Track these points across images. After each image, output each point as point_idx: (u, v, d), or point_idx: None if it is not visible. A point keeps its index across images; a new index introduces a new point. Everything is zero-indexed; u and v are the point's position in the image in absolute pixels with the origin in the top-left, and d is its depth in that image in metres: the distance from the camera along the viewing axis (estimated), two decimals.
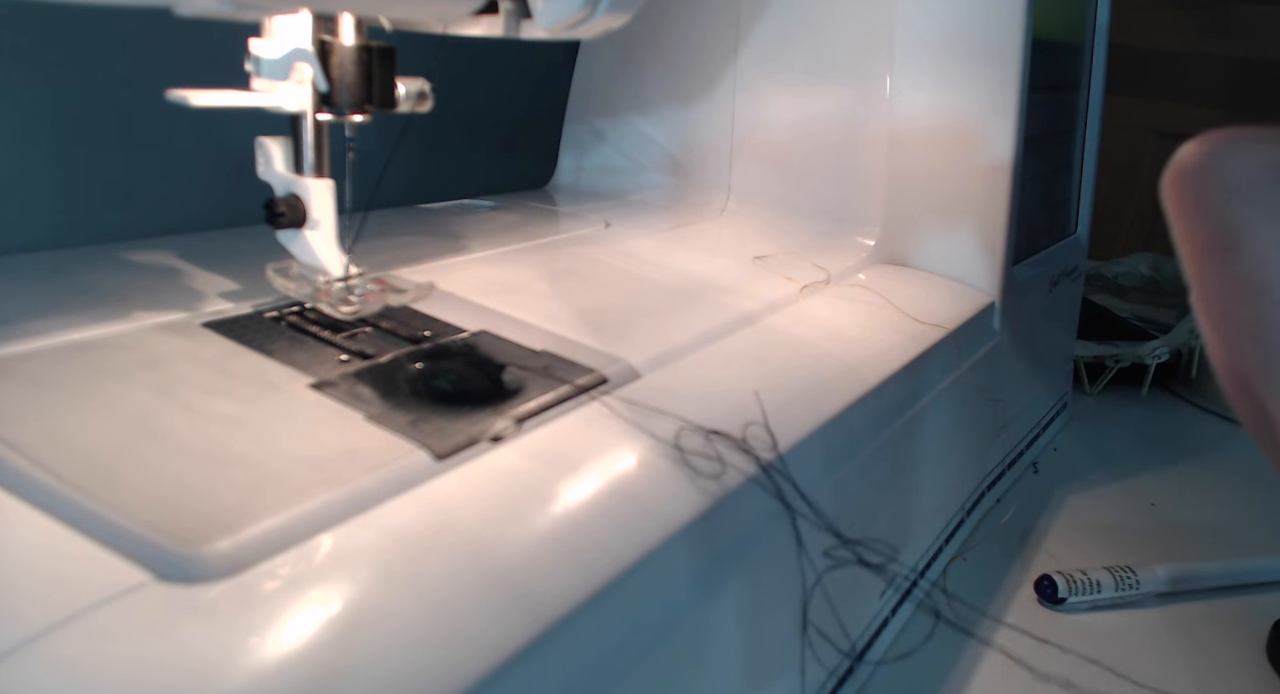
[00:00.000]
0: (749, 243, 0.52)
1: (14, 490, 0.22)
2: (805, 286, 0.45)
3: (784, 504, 0.28)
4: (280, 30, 0.31)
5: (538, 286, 0.40)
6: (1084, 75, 0.66)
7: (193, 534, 0.20)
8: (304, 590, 0.19)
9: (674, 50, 0.59)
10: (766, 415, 0.30)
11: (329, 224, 0.34)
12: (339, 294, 0.33)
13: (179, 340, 0.31)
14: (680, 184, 0.61)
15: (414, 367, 0.30)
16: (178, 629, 0.18)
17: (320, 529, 0.21)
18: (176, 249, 0.41)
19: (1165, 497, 0.57)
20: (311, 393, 0.28)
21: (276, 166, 0.33)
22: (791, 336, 0.38)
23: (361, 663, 0.18)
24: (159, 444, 0.24)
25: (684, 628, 0.26)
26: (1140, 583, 0.45)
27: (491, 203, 0.59)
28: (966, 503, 0.50)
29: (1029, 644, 0.42)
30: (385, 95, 0.33)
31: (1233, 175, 0.13)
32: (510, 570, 0.21)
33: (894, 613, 0.41)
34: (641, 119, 0.62)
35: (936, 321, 0.44)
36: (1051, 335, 0.64)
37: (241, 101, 0.32)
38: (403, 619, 0.19)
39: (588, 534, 0.23)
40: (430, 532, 0.22)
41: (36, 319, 0.31)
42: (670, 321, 0.38)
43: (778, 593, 0.29)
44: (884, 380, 0.37)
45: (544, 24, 0.32)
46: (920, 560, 0.44)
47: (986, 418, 0.51)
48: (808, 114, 0.55)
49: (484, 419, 0.27)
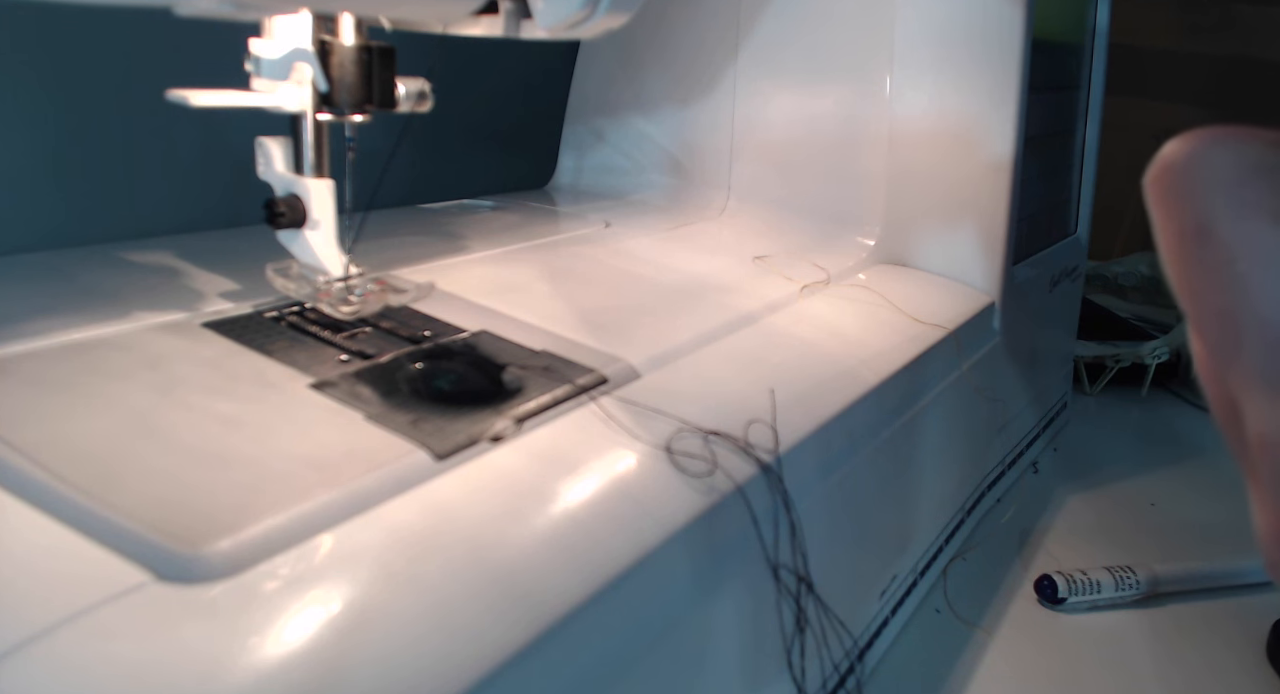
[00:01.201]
0: (749, 243, 0.52)
1: (15, 490, 0.22)
2: (805, 286, 0.45)
3: (784, 504, 0.28)
4: (280, 30, 0.31)
5: (538, 287, 0.40)
6: (1084, 75, 0.66)
7: (193, 534, 0.20)
8: (304, 590, 0.19)
9: (674, 50, 0.59)
10: (776, 414, 0.30)
11: (329, 224, 0.34)
12: (339, 294, 0.33)
13: (179, 340, 0.31)
14: (680, 184, 0.61)
15: (414, 366, 0.30)
16: (178, 629, 0.18)
17: (320, 529, 0.21)
18: (176, 249, 0.41)
19: (1165, 497, 0.57)
20: (311, 393, 0.28)
21: (276, 166, 0.33)
22: (791, 336, 0.38)
23: (361, 663, 0.18)
24: (159, 444, 0.24)
25: (683, 627, 0.26)
26: (1140, 583, 0.45)
27: (491, 203, 0.59)
28: (966, 503, 0.50)
29: (1029, 644, 0.42)
30: (385, 95, 0.33)
31: (1213, 172, 0.14)
32: (510, 570, 0.21)
33: (894, 613, 0.41)
34: (641, 119, 0.62)
35: (936, 321, 0.44)
36: (1051, 335, 0.64)
37: (241, 101, 0.32)
38: (403, 619, 0.19)
39: (587, 534, 0.23)
40: (430, 532, 0.22)
41: (36, 319, 0.31)
42: (670, 322, 0.38)
43: (776, 593, 0.29)
44: (884, 380, 0.37)
45: (544, 24, 0.32)
46: (920, 560, 0.44)
47: (986, 418, 0.51)
48: (808, 114, 0.55)
49: (484, 419, 0.27)
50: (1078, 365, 0.72)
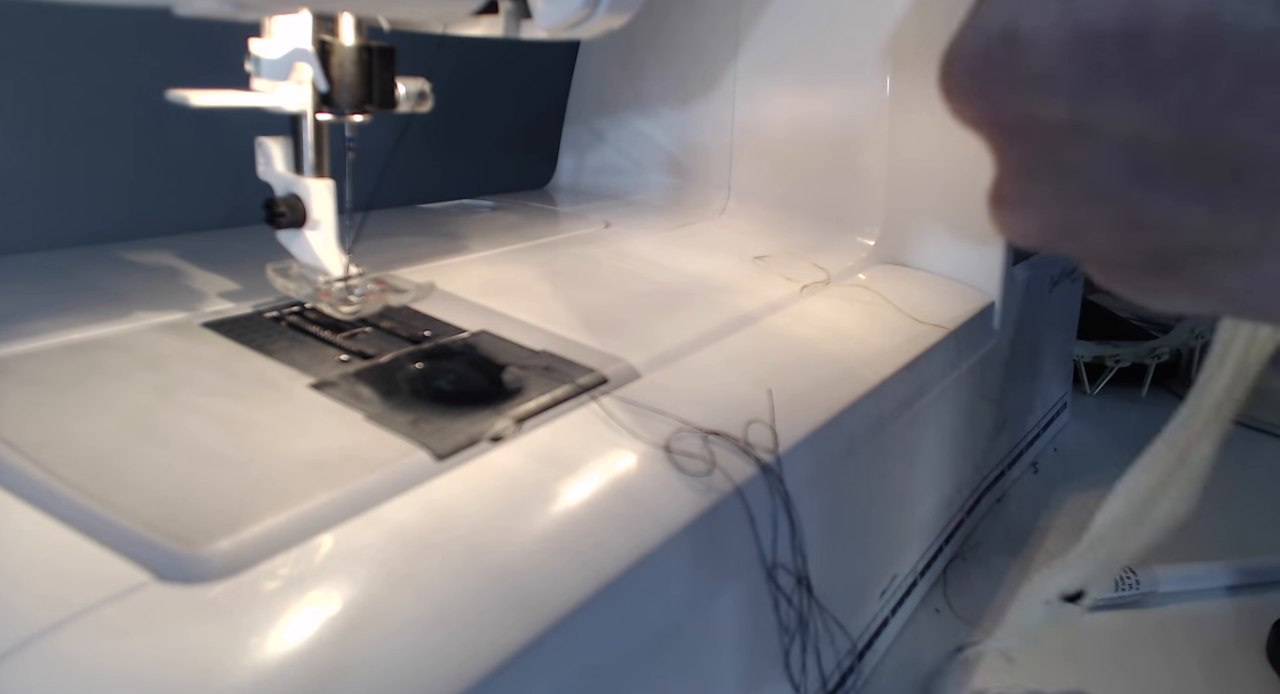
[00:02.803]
0: (749, 243, 0.52)
1: (15, 490, 0.22)
2: (805, 286, 0.45)
3: (783, 504, 0.28)
4: (280, 30, 0.31)
5: (538, 287, 0.40)
6: None
7: (193, 534, 0.20)
8: (304, 590, 0.19)
9: (674, 50, 0.59)
10: (775, 413, 0.30)
11: (329, 224, 0.34)
12: (339, 294, 0.33)
13: (179, 340, 0.31)
14: (680, 184, 0.61)
15: (414, 366, 0.30)
16: (178, 629, 0.18)
17: (320, 529, 0.21)
18: (176, 249, 0.41)
19: None
20: (311, 393, 0.28)
21: (276, 166, 0.33)
22: (791, 336, 0.38)
23: (361, 662, 0.18)
24: (159, 444, 0.24)
25: (682, 627, 0.26)
26: (1140, 583, 0.45)
27: (491, 203, 0.59)
28: (966, 503, 0.50)
29: (1029, 644, 0.42)
30: (385, 95, 0.33)
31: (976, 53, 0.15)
32: (510, 570, 0.21)
33: (894, 613, 0.41)
34: (641, 119, 0.62)
35: (936, 321, 0.44)
36: (1051, 335, 0.64)
37: (241, 101, 0.32)
38: (403, 619, 0.19)
39: (587, 534, 0.23)
40: (430, 531, 0.22)
41: (36, 319, 0.31)
42: (670, 321, 0.38)
43: (776, 593, 0.29)
44: (884, 380, 0.37)
45: (544, 24, 0.32)
46: (920, 560, 0.44)
47: (986, 418, 0.51)
48: (808, 114, 0.54)
49: (484, 419, 0.27)
50: (1078, 365, 0.72)
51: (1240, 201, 0.13)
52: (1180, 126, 0.13)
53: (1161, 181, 0.14)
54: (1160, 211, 0.14)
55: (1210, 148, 0.13)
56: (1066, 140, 0.14)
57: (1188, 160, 0.13)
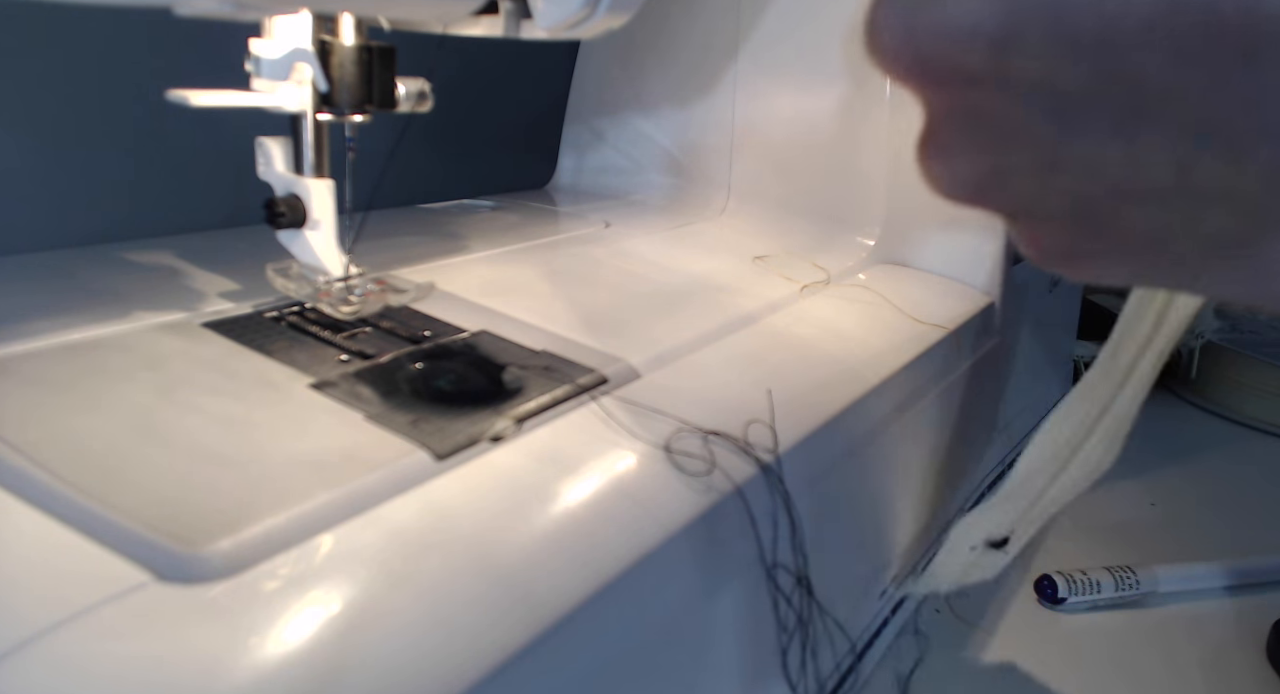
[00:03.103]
0: (749, 243, 0.52)
1: (15, 490, 0.22)
2: (805, 286, 0.45)
3: (783, 504, 0.28)
4: (280, 30, 0.31)
5: (538, 287, 0.40)
6: None
7: (193, 534, 0.20)
8: (304, 590, 0.19)
9: (674, 50, 0.59)
10: (775, 413, 0.30)
11: (329, 224, 0.34)
12: (339, 294, 0.34)
13: (179, 340, 0.31)
14: (680, 184, 0.61)
15: (414, 366, 0.30)
16: (178, 629, 0.18)
17: (320, 529, 0.21)
18: (176, 249, 0.41)
19: (1165, 497, 0.57)
20: (311, 393, 0.28)
21: (276, 166, 0.33)
22: (791, 336, 0.38)
23: (362, 662, 0.18)
24: (159, 444, 0.24)
25: (682, 627, 0.26)
26: (1140, 583, 0.45)
27: (491, 203, 0.59)
28: (967, 503, 0.50)
29: (1029, 644, 0.42)
30: (385, 95, 0.33)
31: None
32: (511, 570, 0.21)
33: (894, 613, 0.41)
34: (641, 119, 0.62)
35: (936, 321, 0.44)
36: (1051, 335, 0.64)
37: (241, 101, 0.32)
38: (403, 619, 0.19)
39: (588, 534, 0.23)
40: (430, 531, 0.22)
41: (36, 319, 0.31)
42: (670, 321, 0.38)
43: (776, 593, 0.29)
44: (884, 380, 0.37)
45: (544, 24, 0.32)
46: (921, 560, 0.44)
47: (986, 418, 0.51)
48: (808, 113, 0.55)
49: (484, 419, 0.27)
50: (1078, 365, 0.72)
51: (1152, 140, 0.13)
52: (1092, 64, 0.13)
53: (1077, 122, 0.14)
54: (1078, 152, 0.14)
55: (1120, 86, 0.13)
56: (986, 86, 0.14)
57: (1100, 100, 0.13)
